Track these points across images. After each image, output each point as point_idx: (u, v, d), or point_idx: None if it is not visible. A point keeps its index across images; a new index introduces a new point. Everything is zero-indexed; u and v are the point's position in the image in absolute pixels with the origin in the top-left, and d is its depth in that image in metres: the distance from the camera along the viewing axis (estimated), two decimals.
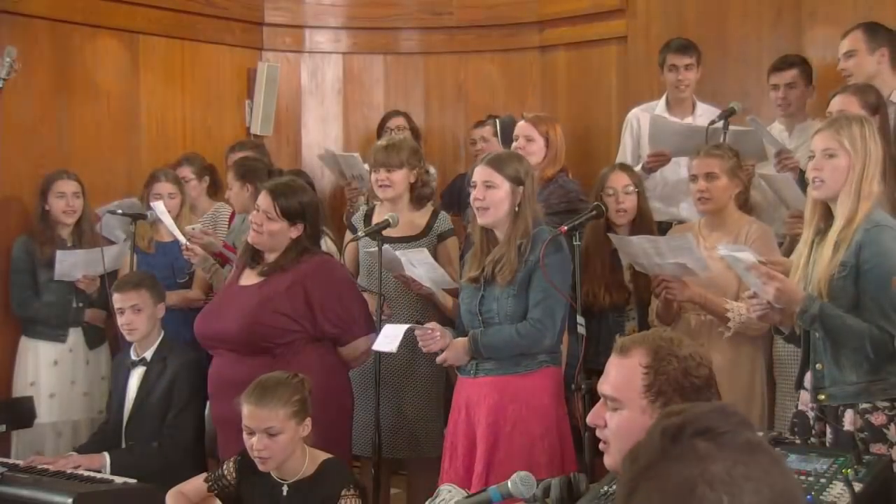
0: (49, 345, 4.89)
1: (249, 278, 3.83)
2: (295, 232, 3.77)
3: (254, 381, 3.17)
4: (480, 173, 3.64)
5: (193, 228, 4.80)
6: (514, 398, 3.58)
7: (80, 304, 4.92)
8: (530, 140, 4.46)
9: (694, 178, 3.86)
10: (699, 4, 5.51)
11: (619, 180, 4.11)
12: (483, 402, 3.60)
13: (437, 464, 3.96)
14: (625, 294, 4.07)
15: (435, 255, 4.15)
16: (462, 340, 3.65)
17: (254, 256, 3.85)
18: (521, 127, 4.54)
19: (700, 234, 3.86)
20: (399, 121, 5.78)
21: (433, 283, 4.02)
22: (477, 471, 3.55)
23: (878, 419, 2.97)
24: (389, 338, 3.65)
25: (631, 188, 4.11)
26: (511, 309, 3.58)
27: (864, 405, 2.99)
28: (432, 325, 3.72)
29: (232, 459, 3.29)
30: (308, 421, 3.15)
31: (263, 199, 3.77)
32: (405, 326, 3.69)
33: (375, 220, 4.33)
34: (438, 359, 3.71)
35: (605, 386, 2.06)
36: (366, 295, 4.03)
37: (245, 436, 3.14)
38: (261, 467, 3.13)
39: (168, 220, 4.68)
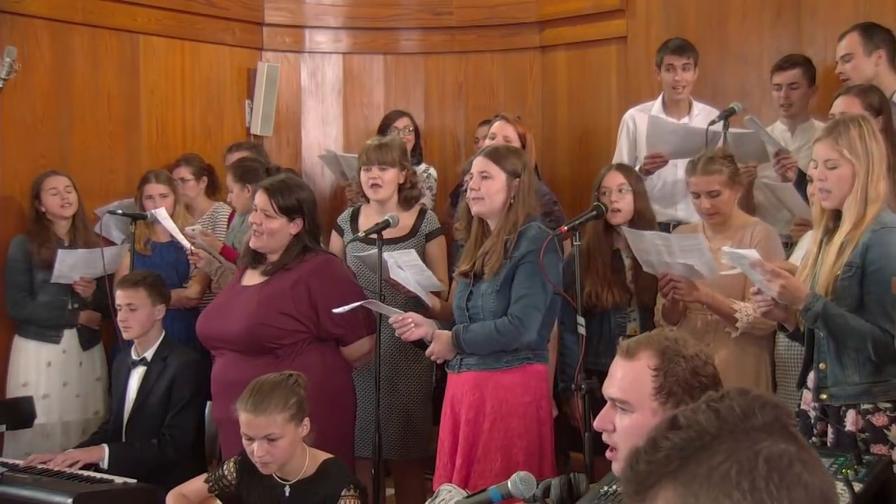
0: (43, 346, 4.86)
1: (252, 278, 3.82)
2: (295, 228, 3.77)
3: (248, 387, 3.11)
4: (478, 164, 3.66)
5: (193, 229, 4.79)
6: (493, 394, 3.58)
7: (76, 306, 4.90)
8: (508, 141, 4.40)
9: (696, 194, 3.84)
10: (699, 4, 5.50)
11: (614, 180, 4.05)
12: (465, 398, 3.62)
13: (422, 465, 3.94)
14: (626, 295, 4.04)
15: (423, 256, 4.15)
16: (447, 333, 3.66)
17: (255, 257, 3.84)
18: (500, 126, 4.49)
19: (705, 236, 3.84)
20: (405, 121, 5.74)
21: (419, 286, 4.00)
22: (456, 465, 3.55)
23: (879, 420, 2.97)
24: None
25: (626, 187, 4.03)
26: (493, 305, 3.59)
27: (866, 406, 2.99)
28: (409, 314, 3.72)
29: (232, 460, 3.27)
30: (307, 421, 3.12)
31: (260, 198, 3.76)
32: (357, 304, 3.65)
33: (361, 220, 4.32)
34: (427, 351, 3.71)
35: (612, 389, 2.03)
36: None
37: (244, 441, 3.10)
38: (262, 470, 3.10)
39: (171, 226, 4.69)
